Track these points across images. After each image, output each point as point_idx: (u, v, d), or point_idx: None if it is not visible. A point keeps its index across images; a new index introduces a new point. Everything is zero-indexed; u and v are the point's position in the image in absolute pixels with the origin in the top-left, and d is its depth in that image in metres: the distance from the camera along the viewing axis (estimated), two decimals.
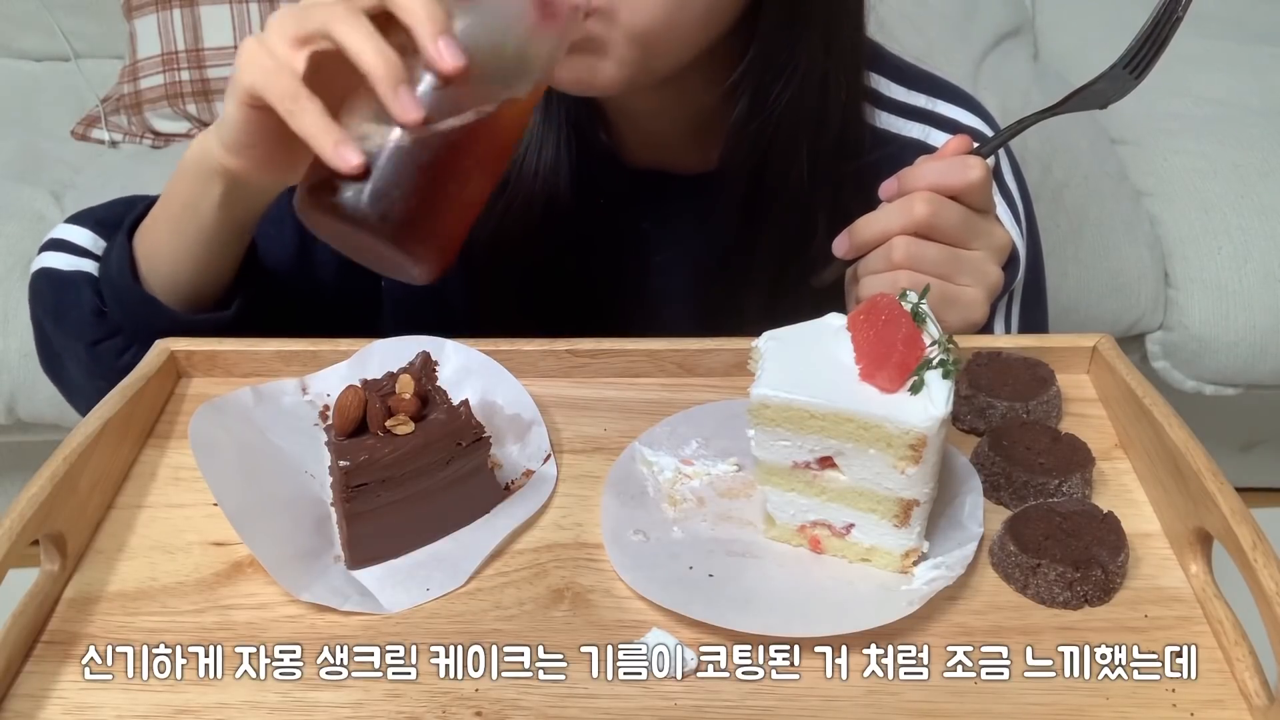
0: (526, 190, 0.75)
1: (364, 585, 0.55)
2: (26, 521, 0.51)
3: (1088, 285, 1.58)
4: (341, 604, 0.53)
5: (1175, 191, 1.65)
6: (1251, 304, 1.56)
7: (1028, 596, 0.54)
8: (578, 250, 0.77)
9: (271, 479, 0.60)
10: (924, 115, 0.81)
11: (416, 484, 0.56)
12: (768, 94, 0.70)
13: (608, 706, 0.49)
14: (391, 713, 0.48)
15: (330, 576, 0.55)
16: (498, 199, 0.76)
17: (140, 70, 1.75)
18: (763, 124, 0.71)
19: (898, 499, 0.53)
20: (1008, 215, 0.82)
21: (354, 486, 0.54)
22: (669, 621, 0.52)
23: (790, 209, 0.75)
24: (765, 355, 0.55)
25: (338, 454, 0.55)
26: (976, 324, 0.69)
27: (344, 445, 0.55)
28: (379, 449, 0.54)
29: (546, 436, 0.63)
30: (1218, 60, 1.86)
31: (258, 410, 0.64)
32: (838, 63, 0.72)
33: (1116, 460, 0.63)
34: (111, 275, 0.73)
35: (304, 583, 0.54)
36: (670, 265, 0.82)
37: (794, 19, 0.68)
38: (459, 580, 0.55)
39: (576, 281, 0.78)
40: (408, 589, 0.55)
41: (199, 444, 0.59)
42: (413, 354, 0.61)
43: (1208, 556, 0.55)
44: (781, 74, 0.70)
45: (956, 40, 1.83)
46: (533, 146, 0.75)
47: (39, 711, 0.49)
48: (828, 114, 0.73)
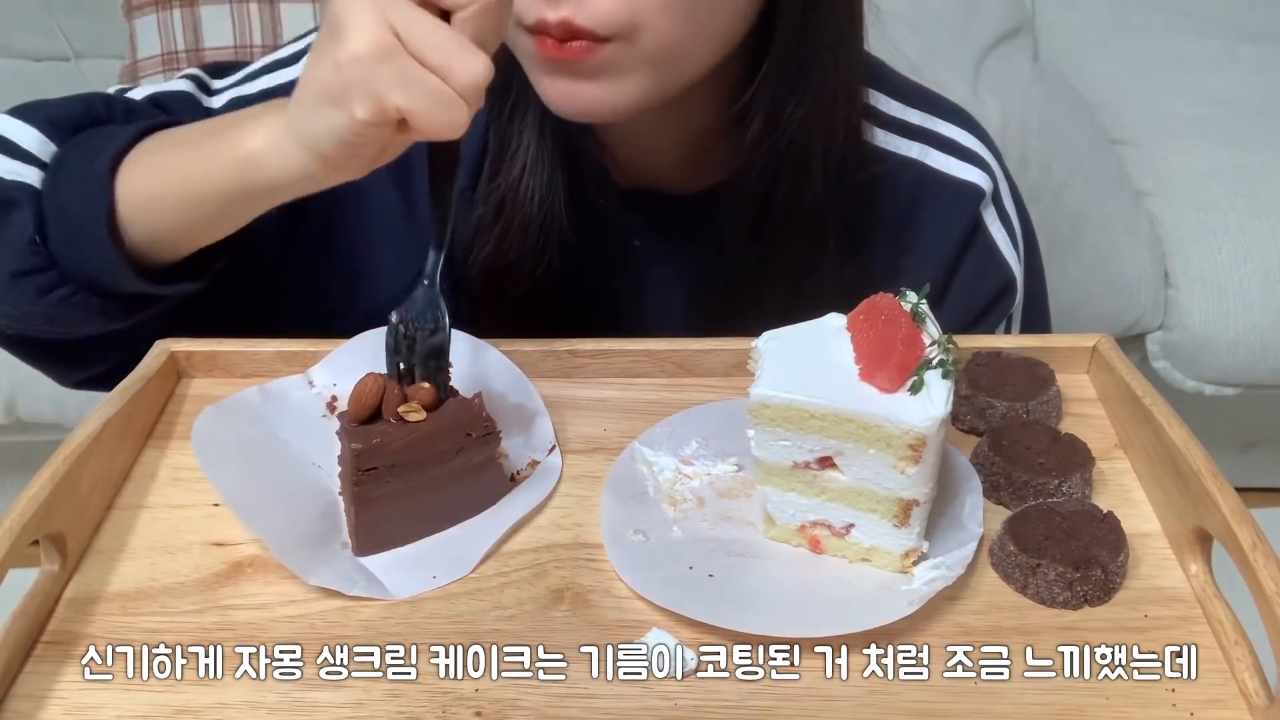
0: (524, 213, 0.74)
1: (371, 571, 0.55)
2: (26, 521, 0.51)
3: (1088, 285, 1.58)
4: (349, 588, 0.54)
5: (1175, 191, 1.65)
6: (1251, 304, 1.56)
7: (1028, 596, 0.54)
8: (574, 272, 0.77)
9: (277, 472, 0.60)
10: (921, 133, 0.81)
11: (425, 472, 0.56)
12: (782, 111, 0.70)
13: (608, 706, 0.49)
14: (391, 713, 0.48)
15: (337, 562, 0.56)
16: (495, 222, 0.75)
17: (140, 70, 1.75)
18: (777, 141, 0.71)
19: (898, 499, 0.53)
20: (1005, 241, 0.82)
21: (364, 470, 0.55)
22: (669, 621, 0.52)
23: (801, 227, 0.75)
24: (765, 355, 0.55)
25: (349, 437, 0.55)
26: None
27: (356, 430, 0.55)
28: (391, 434, 0.55)
29: (551, 427, 0.63)
30: (1218, 60, 1.86)
31: (265, 408, 0.64)
32: (845, 78, 0.72)
33: (1116, 460, 0.63)
34: (72, 208, 0.64)
35: (311, 567, 0.54)
36: (666, 286, 0.81)
37: (806, 35, 0.68)
38: (465, 569, 0.55)
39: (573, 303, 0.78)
40: (414, 576, 0.55)
41: (201, 443, 0.59)
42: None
43: (1208, 556, 0.55)
44: (795, 91, 0.69)
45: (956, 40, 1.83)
46: (529, 169, 0.74)
47: (39, 711, 0.49)
48: (836, 130, 0.73)
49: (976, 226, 0.81)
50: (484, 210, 0.75)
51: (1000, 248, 0.81)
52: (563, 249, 0.75)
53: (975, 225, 0.80)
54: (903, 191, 0.79)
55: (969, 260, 0.81)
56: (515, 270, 0.75)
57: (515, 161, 0.74)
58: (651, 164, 0.79)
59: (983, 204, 0.80)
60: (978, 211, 0.80)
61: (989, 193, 0.80)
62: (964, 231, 0.80)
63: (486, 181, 0.76)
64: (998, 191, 0.82)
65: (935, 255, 0.80)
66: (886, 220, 0.80)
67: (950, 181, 0.80)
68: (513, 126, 0.74)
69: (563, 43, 0.61)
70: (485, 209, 0.75)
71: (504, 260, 0.75)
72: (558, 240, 0.75)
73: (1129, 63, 1.89)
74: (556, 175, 0.74)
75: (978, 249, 0.81)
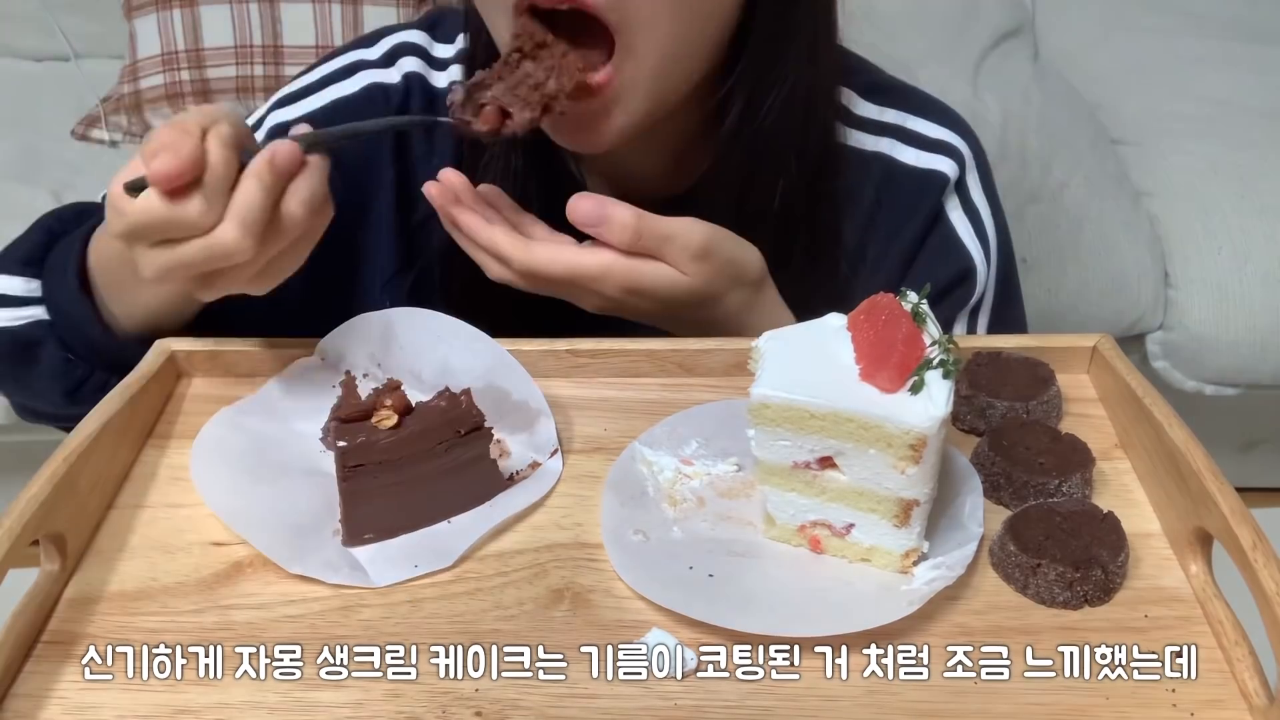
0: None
1: (357, 560, 0.56)
2: (26, 521, 0.51)
3: (1088, 285, 1.58)
4: (331, 576, 0.54)
5: (1175, 191, 1.65)
6: (1251, 304, 1.55)
7: (1028, 596, 0.54)
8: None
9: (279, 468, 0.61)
10: (892, 130, 0.81)
11: (414, 468, 0.57)
12: (759, 105, 0.70)
13: (608, 706, 0.49)
14: (391, 713, 0.49)
15: (324, 550, 0.56)
16: None
17: (140, 70, 1.75)
18: (754, 134, 0.71)
19: (898, 499, 0.53)
20: (968, 230, 0.82)
21: (350, 467, 0.55)
22: (669, 621, 0.52)
23: (774, 224, 0.75)
24: (765, 355, 0.55)
25: (336, 435, 0.56)
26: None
27: (343, 428, 0.56)
28: (377, 432, 0.56)
29: (554, 430, 0.63)
30: (1218, 60, 1.86)
31: (281, 402, 0.65)
32: (820, 72, 0.73)
33: (1116, 460, 0.63)
34: (77, 327, 0.71)
35: (296, 557, 0.55)
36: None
37: (783, 29, 0.69)
38: (447, 561, 0.56)
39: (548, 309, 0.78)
40: (397, 565, 0.56)
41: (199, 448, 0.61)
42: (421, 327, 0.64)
43: (1208, 556, 0.55)
44: (773, 85, 0.70)
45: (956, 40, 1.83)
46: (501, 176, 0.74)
47: (39, 711, 0.49)
48: (811, 126, 0.74)
49: (939, 214, 0.81)
50: None
51: (961, 235, 0.82)
52: None
53: (937, 212, 0.81)
54: (869, 186, 0.80)
55: (928, 245, 0.81)
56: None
57: (488, 171, 0.75)
58: (633, 169, 0.79)
59: (945, 192, 0.81)
60: (939, 199, 0.81)
61: (953, 179, 0.81)
62: (926, 218, 0.81)
63: None
64: (964, 180, 0.82)
65: (897, 241, 0.81)
66: (853, 214, 0.80)
67: (915, 172, 0.80)
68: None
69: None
70: None
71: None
72: None
73: (1129, 63, 1.89)
74: (530, 184, 0.75)
75: (937, 234, 0.81)
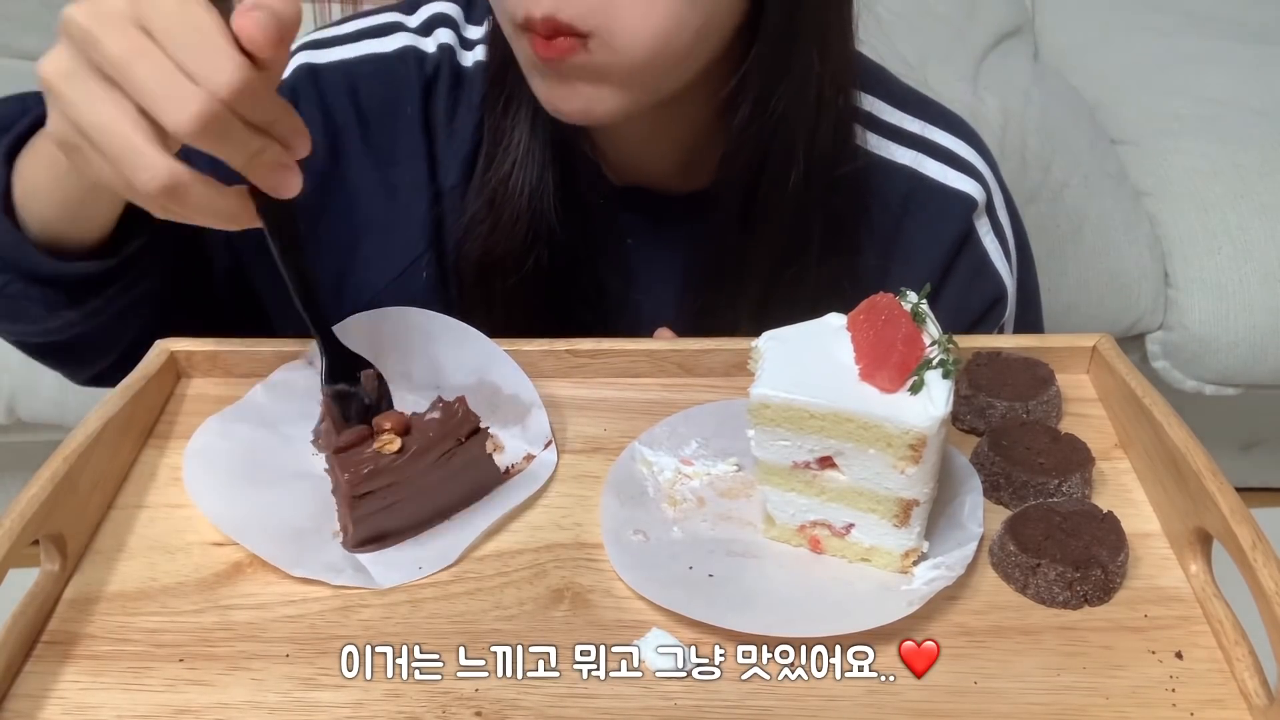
0: (514, 208, 0.75)
1: (359, 561, 0.56)
2: (26, 521, 0.51)
3: (1088, 285, 1.58)
4: (334, 578, 0.54)
5: (1175, 191, 1.65)
6: (1251, 304, 1.56)
7: (1028, 596, 0.54)
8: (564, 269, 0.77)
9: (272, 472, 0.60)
10: (917, 141, 0.81)
11: (421, 480, 0.57)
12: (768, 99, 0.70)
13: (608, 706, 0.49)
14: (391, 713, 0.48)
15: (325, 552, 0.56)
16: (486, 216, 0.76)
17: None
18: (763, 127, 0.71)
19: (898, 499, 0.53)
20: (998, 252, 0.82)
21: (359, 496, 0.55)
22: (669, 621, 0.52)
23: (785, 216, 0.75)
24: (765, 355, 0.55)
25: (341, 467, 0.55)
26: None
27: (345, 458, 0.55)
28: (382, 457, 0.55)
29: (547, 421, 0.63)
30: (1218, 60, 1.86)
31: (270, 407, 0.65)
32: (831, 70, 0.73)
33: (1116, 460, 0.63)
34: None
35: (297, 559, 0.55)
36: (658, 283, 0.81)
37: (792, 27, 0.68)
38: (449, 559, 0.56)
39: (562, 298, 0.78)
40: (401, 567, 0.55)
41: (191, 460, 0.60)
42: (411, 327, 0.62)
43: (1208, 556, 0.55)
44: (781, 80, 0.70)
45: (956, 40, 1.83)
46: (520, 164, 0.74)
47: (39, 711, 0.49)
48: (822, 120, 0.74)
49: (968, 236, 0.81)
50: (476, 204, 0.76)
51: (992, 258, 0.82)
52: (552, 245, 0.76)
53: (967, 235, 0.81)
54: (895, 197, 0.80)
55: (960, 270, 0.81)
56: (504, 264, 0.76)
57: (506, 156, 0.75)
58: (647, 163, 0.79)
59: (975, 214, 0.81)
60: (970, 221, 0.81)
61: (982, 203, 0.80)
62: (955, 241, 0.80)
63: (479, 175, 0.77)
64: (991, 202, 0.82)
65: (925, 262, 0.80)
66: (876, 223, 0.80)
67: (943, 190, 0.80)
68: (505, 122, 0.75)
69: (549, 40, 0.62)
70: (477, 203, 0.76)
71: (493, 254, 0.76)
72: (547, 236, 0.76)
73: (1129, 63, 1.89)
74: (547, 172, 0.75)
75: (969, 259, 0.81)
